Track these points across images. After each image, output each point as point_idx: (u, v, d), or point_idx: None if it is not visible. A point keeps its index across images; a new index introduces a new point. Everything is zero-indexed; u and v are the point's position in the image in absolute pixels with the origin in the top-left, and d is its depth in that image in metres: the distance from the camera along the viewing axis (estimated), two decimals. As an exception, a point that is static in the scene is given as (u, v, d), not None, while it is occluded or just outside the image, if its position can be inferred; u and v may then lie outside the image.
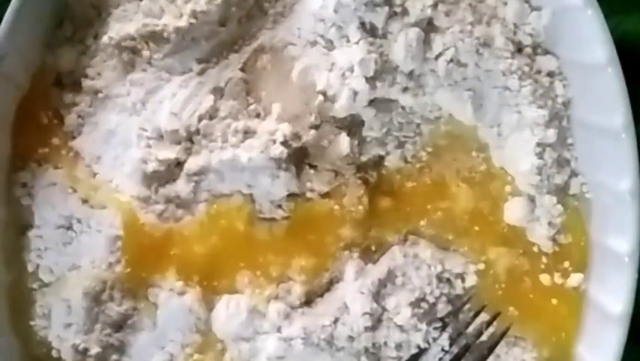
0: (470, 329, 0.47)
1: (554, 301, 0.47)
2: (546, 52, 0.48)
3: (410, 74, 0.45)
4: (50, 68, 0.47)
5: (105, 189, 0.45)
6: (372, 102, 0.45)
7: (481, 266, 0.47)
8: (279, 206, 0.45)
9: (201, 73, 0.45)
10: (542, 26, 0.47)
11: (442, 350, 0.47)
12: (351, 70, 0.44)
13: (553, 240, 0.48)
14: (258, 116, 0.45)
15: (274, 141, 0.44)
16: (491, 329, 0.47)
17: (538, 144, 0.46)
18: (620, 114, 0.46)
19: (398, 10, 0.45)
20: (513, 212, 0.47)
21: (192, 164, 0.43)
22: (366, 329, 0.45)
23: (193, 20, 0.43)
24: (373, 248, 0.47)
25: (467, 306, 0.47)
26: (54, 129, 0.47)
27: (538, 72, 0.48)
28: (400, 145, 0.47)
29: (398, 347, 0.46)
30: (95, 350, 0.44)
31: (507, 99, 0.47)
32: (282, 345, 0.44)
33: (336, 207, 0.46)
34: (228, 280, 0.45)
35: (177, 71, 0.45)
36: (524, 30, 0.48)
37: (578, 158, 0.48)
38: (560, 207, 0.48)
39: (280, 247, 0.45)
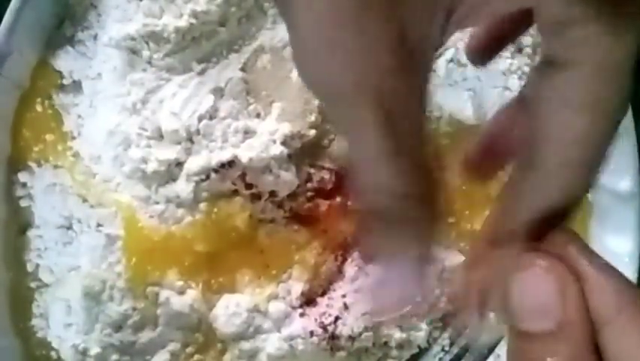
0: (469, 331, 0.47)
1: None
2: (546, 52, 0.48)
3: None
4: (50, 68, 0.47)
5: (105, 189, 0.45)
6: (372, 102, 0.45)
7: (482, 266, 0.47)
8: (280, 206, 0.45)
9: (201, 73, 0.45)
10: (542, 26, 0.48)
11: (443, 349, 0.47)
12: (352, 70, 0.44)
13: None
14: (258, 116, 0.45)
15: (274, 141, 0.43)
16: (491, 329, 0.47)
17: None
18: (620, 114, 0.46)
19: (398, 10, 0.45)
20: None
21: (192, 164, 0.43)
22: (367, 328, 0.45)
23: (193, 20, 0.43)
24: (373, 248, 0.47)
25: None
26: (54, 129, 0.47)
27: (538, 72, 0.48)
28: (401, 145, 0.47)
29: (399, 346, 0.46)
30: (95, 350, 0.44)
31: (507, 99, 0.47)
32: (282, 345, 0.44)
33: (337, 206, 0.46)
34: (229, 279, 0.45)
35: (177, 71, 0.45)
36: (524, 30, 0.48)
37: (578, 158, 0.48)
38: (559, 207, 0.48)
39: (280, 247, 0.45)
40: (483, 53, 0.32)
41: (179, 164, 0.44)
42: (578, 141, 0.24)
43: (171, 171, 0.44)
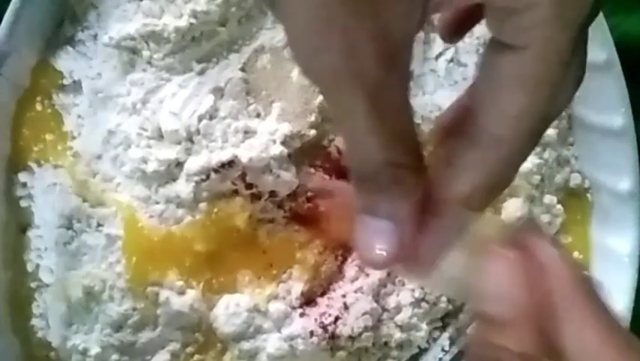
0: (470, 329, 0.47)
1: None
2: (546, 52, 0.48)
3: (410, 74, 0.45)
4: (50, 68, 0.47)
5: (105, 189, 0.45)
6: (372, 102, 0.45)
7: (482, 266, 0.47)
8: (280, 206, 0.45)
9: (201, 73, 0.45)
10: (542, 26, 0.48)
11: (442, 350, 0.47)
12: (352, 70, 0.44)
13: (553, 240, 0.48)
14: (258, 116, 0.45)
15: (274, 141, 0.44)
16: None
17: (538, 143, 0.46)
18: (620, 114, 0.46)
19: (398, 10, 0.45)
20: (512, 212, 0.47)
21: (192, 164, 0.43)
22: (367, 328, 0.45)
23: (193, 20, 0.43)
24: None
25: (467, 306, 0.47)
26: (54, 129, 0.46)
27: (538, 72, 0.48)
28: (401, 145, 0.47)
29: (398, 347, 0.46)
30: (95, 350, 0.44)
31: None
32: (282, 345, 0.44)
33: (338, 206, 0.46)
34: (229, 279, 0.45)
35: (177, 71, 0.45)
36: (524, 30, 0.48)
37: (578, 157, 0.48)
38: (559, 207, 0.48)
39: (280, 247, 0.45)
40: (451, 33, 0.34)
41: (179, 164, 0.44)
42: (516, 118, 0.25)
43: (171, 171, 0.44)
